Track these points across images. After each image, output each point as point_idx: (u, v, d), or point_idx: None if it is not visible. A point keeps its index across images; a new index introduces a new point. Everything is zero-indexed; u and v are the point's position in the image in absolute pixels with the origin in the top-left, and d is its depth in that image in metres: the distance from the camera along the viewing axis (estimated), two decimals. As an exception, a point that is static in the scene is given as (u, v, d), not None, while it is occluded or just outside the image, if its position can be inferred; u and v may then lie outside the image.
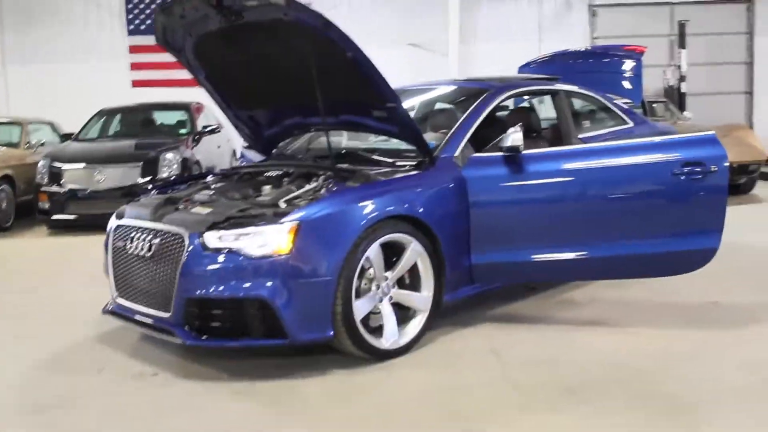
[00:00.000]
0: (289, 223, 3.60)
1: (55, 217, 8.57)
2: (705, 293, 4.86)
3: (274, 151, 5.27)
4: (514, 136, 4.18)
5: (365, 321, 3.83)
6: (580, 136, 5.18)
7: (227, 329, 3.66)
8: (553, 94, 5.25)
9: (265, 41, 4.18)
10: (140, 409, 3.38)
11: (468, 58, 12.96)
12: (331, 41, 3.84)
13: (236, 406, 3.37)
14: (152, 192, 4.63)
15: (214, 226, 3.67)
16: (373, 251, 3.77)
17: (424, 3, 13.33)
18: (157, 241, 3.81)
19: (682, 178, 4.08)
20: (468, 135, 4.46)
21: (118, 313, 4.08)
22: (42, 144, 10.17)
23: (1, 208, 8.94)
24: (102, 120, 10.40)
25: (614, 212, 4.16)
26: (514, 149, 4.19)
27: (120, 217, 4.21)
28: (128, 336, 4.34)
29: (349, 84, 4.12)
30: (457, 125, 4.52)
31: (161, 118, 10.89)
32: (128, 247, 3.98)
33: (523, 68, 7.13)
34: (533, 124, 5.37)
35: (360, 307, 3.74)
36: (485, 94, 4.77)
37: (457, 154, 4.34)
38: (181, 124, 10.54)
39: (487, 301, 4.75)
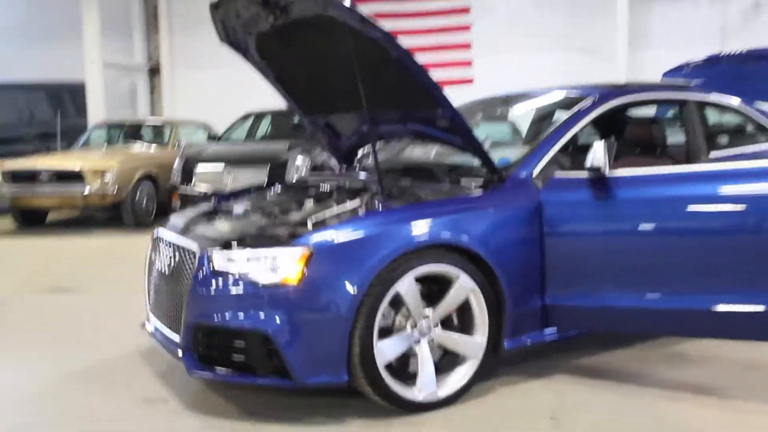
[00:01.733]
0: (300, 248, 3.11)
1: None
2: None
3: (355, 161, 4.81)
4: (597, 153, 3.39)
5: (404, 365, 3.26)
6: (713, 155, 4.23)
7: (234, 362, 3.23)
8: (681, 103, 4.33)
9: (318, 40, 3.73)
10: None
11: (638, 64, 11.71)
12: (373, 41, 3.32)
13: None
14: (213, 201, 4.33)
15: (228, 245, 3.27)
16: (405, 286, 3.17)
17: (591, 6, 12.23)
18: (176, 256, 3.48)
19: None
20: (553, 151, 3.71)
21: (149, 330, 3.81)
22: (190, 145, 10.45)
23: (142, 205, 9.26)
24: (249, 122, 10.51)
25: (722, 254, 3.24)
26: (595, 169, 3.41)
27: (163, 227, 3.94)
28: (161, 356, 4.06)
29: (400, 89, 3.57)
30: (541, 139, 3.79)
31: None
32: (155, 260, 3.69)
33: (672, 73, 6.12)
34: (655, 138, 4.47)
35: (385, 350, 3.16)
36: (582, 103, 3.99)
37: (536, 173, 3.62)
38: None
39: (567, 350, 3.96)
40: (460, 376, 3.35)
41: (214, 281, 3.19)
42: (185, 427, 3.20)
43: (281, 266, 3.09)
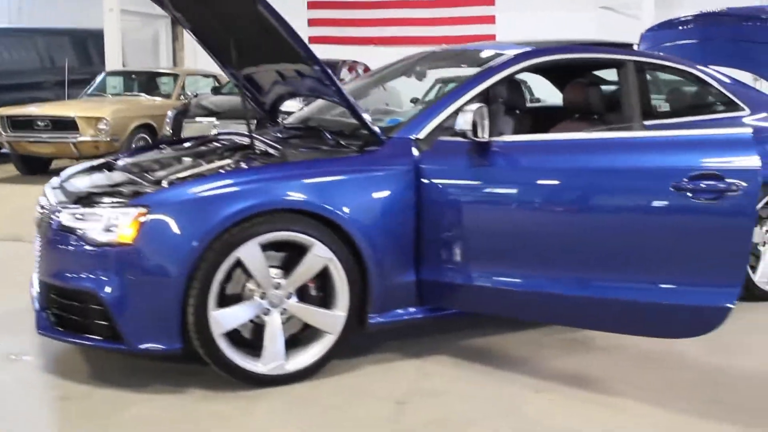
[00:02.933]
0: (136, 209, 2.94)
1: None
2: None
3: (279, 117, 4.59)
4: (465, 117, 3.08)
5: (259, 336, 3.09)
6: (649, 122, 3.85)
7: (78, 323, 3.11)
8: (617, 65, 3.94)
9: None
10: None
11: (668, 23, 11.01)
12: None
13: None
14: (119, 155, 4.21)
15: (79, 201, 3.15)
16: (248, 252, 2.97)
17: (618, -38, 11.58)
18: (42, 211, 3.38)
19: (687, 196, 2.72)
20: (446, 113, 3.41)
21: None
22: (196, 95, 10.37)
23: (138, 155, 9.26)
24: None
25: (591, 237, 2.92)
26: (461, 134, 3.10)
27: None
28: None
29: (273, 45, 3.35)
30: (434, 100, 3.49)
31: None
32: (37, 217, 3.60)
33: (649, 33, 5.65)
34: (591, 103, 4.10)
35: (221, 319, 2.97)
36: (491, 62, 3.66)
37: (423, 136, 3.34)
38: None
39: (459, 329, 3.67)
40: (315, 351, 3.15)
41: (60, 239, 3.08)
42: (29, 385, 3.13)
43: (117, 226, 2.94)
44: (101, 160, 4.00)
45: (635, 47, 4.23)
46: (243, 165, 3.28)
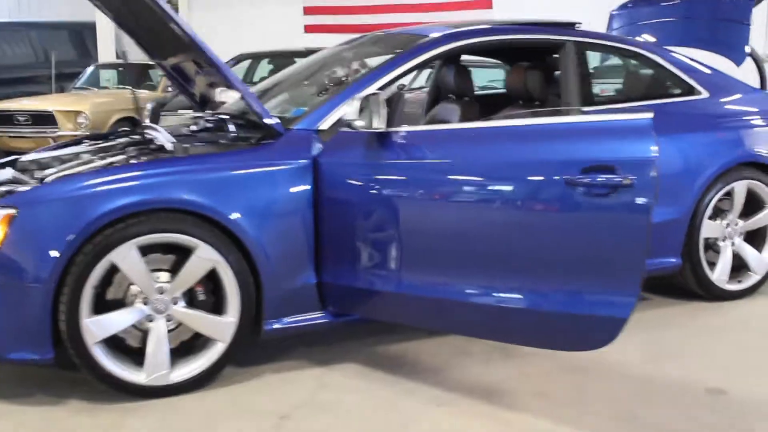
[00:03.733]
0: (3, 209, 2.74)
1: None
2: (703, 373, 3.09)
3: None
4: (350, 106, 2.83)
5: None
6: (588, 108, 3.57)
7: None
8: (555, 46, 3.65)
9: None
10: None
11: None
12: None
13: None
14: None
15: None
16: (123, 256, 2.76)
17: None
18: None
19: (579, 191, 2.44)
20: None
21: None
22: (181, 88, 10.20)
23: (121, 148, 9.13)
24: (248, 65, 10.16)
25: (482, 238, 2.66)
26: (345, 124, 2.86)
27: None
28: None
29: (168, 35, 3.15)
30: (338, 90, 3.25)
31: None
32: None
33: (622, 11, 5.34)
34: (530, 88, 3.82)
35: (96, 326, 2.77)
36: (410, 46, 3.40)
37: (325, 127, 3.10)
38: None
39: (373, 334, 3.43)
40: (203, 361, 2.94)
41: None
42: None
43: (-14, 227, 2.76)
44: (11, 157, 3.82)
45: (582, 28, 3.92)
46: (132, 161, 3.07)
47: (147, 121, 8.51)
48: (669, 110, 3.74)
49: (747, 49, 4.18)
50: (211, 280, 2.93)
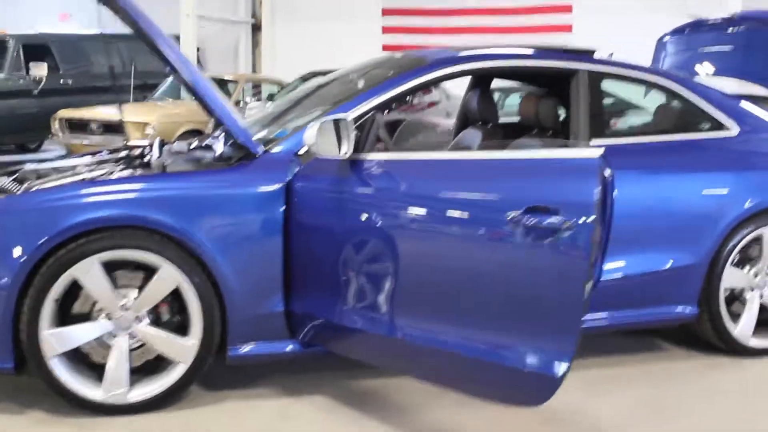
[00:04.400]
0: (-30, 221, 2.80)
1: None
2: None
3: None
4: (309, 131, 2.73)
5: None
6: (595, 141, 3.35)
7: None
8: (568, 74, 3.45)
9: None
10: None
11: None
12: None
13: None
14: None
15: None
16: (85, 271, 2.76)
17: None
18: None
19: (518, 233, 2.24)
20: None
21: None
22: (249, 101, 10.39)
23: (185, 160, 9.37)
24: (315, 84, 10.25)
25: (429, 278, 2.50)
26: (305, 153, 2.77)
27: None
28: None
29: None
30: (320, 114, 3.15)
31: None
32: None
33: (674, 36, 5.07)
34: (543, 118, 3.62)
35: (55, 339, 2.77)
36: (405, 70, 3.28)
37: (302, 152, 3.01)
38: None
39: (345, 364, 3.26)
40: (163, 382, 2.90)
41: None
42: None
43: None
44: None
45: (602, 55, 3.69)
46: (112, 176, 3.08)
47: (209, 132, 8.69)
48: (690, 146, 3.47)
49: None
50: (178, 300, 2.90)
